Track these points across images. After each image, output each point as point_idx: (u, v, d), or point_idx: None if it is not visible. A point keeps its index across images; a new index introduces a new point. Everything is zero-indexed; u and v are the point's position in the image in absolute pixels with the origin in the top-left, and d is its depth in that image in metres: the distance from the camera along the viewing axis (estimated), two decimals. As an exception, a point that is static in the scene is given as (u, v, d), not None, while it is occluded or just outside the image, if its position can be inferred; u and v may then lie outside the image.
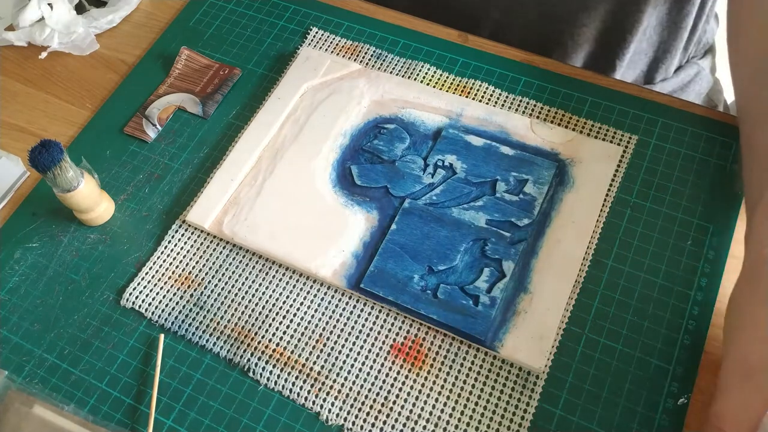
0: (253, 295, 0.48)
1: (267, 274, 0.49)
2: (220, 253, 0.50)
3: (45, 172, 0.46)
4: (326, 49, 0.59)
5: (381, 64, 0.57)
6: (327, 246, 0.48)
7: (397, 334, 0.46)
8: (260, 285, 0.48)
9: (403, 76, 0.56)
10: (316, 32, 0.60)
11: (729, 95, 0.81)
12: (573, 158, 0.51)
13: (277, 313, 0.47)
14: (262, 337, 0.46)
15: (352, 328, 0.46)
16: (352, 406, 0.43)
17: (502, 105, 0.54)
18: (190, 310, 0.48)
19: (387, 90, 0.55)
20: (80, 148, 0.57)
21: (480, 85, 0.55)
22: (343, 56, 0.58)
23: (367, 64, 0.58)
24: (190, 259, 0.50)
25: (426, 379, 0.44)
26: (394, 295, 0.45)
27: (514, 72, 0.56)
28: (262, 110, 0.55)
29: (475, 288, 0.45)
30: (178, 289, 0.49)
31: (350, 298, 0.47)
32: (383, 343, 0.45)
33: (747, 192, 0.44)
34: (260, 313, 0.47)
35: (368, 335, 0.46)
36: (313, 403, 0.44)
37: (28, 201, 0.54)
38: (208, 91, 0.57)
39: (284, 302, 0.47)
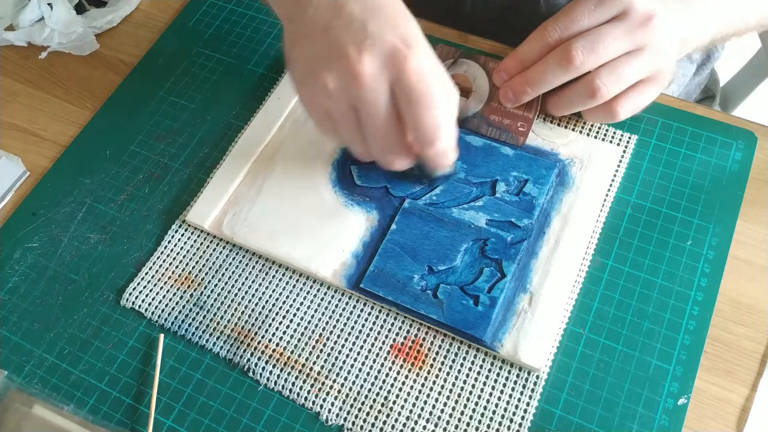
0: (253, 295, 0.48)
1: (267, 274, 0.49)
2: (220, 253, 0.50)
3: None
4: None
5: (381, 64, 0.57)
6: (327, 246, 0.48)
7: (397, 334, 0.46)
8: (260, 285, 0.48)
9: (403, 76, 0.56)
10: (316, 32, 0.60)
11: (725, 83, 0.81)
12: (573, 158, 0.51)
13: (277, 313, 0.47)
14: (262, 337, 0.46)
15: (352, 328, 0.46)
16: (352, 406, 0.43)
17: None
18: (190, 310, 0.48)
19: None
20: (80, 148, 0.57)
21: (480, 85, 0.55)
22: (343, 56, 0.58)
23: (367, 64, 0.57)
24: (190, 259, 0.50)
25: (426, 379, 0.44)
26: (394, 295, 0.45)
27: (514, 72, 0.56)
28: (262, 110, 0.55)
29: (475, 288, 0.45)
30: (178, 289, 0.49)
31: (350, 298, 0.47)
32: (383, 343, 0.45)
33: None
34: (260, 313, 0.47)
35: (368, 335, 0.46)
36: (313, 403, 0.44)
37: (28, 201, 0.54)
38: None
39: (284, 302, 0.47)
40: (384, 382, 0.44)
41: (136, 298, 0.48)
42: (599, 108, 0.48)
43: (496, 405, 0.43)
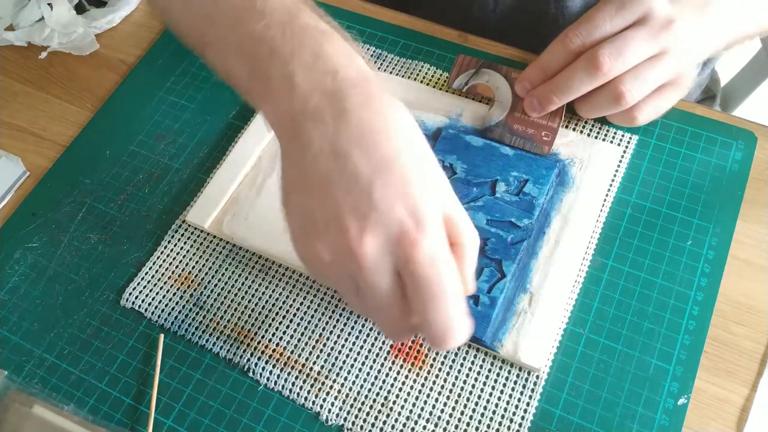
0: (253, 295, 0.48)
1: (267, 274, 0.49)
2: (220, 253, 0.50)
3: None
4: (326, 49, 0.59)
5: (381, 64, 0.57)
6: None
7: (397, 334, 0.46)
8: (260, 285, 0.48)
9: (403, 76, 0.56)
10: (316, 32, 0.60)
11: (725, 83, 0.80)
12: (573, 158, 0.50)
13: (277, 313, 0.47)
14: (262, 337, 0.46)
15: (352, 328, 0.46)
16: (352, 406, 0.43)
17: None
18: (190, 310, 0.48)
19: (387, 90, 0.55)
20: (80, 148, 0.57)
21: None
22: (343, 56, 0.58)
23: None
24: (190, 259, 0.50)
25: (426, 379, 0.44)
26: (394, 295, 0.45)
27: (514, 72, 0.56)
28: (262, 110, 0.55)
29: (475, 288, 0.45)
30: (177, 289, 0.49)
31: (350, 298, 0.47)
32: (383, 343, 0.45)
33: None
34: (260, 313, 0.47)
35: (368, 335, 0.46)
36: (313, 403, 0.44)
37: (28, 201, 0.54)
38: None
39: (284, 302, 0.47)
40: (384, 382, 0.44)
41: (136, 298, 0.48)
42: (621, 113, 0.48)
43: (496, 405, 0.43)
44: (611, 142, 0.52)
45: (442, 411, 0.43)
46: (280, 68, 0.36)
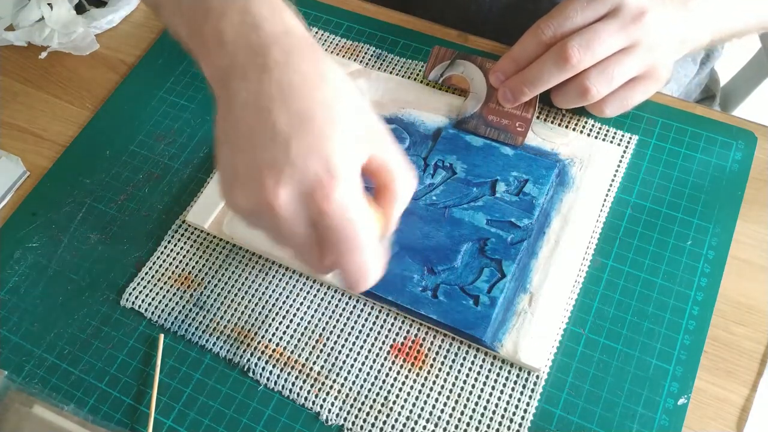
0: (253, 295, 0.48)
1: (267, 274, 0.49)
2: (220, 253, 0.50)
3: None
4: (326, 49, 0.59)
5: (381, 64, 0.57)
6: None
7: (397, 334, 0.46)
8: (260, 285, 0.48)
9: (403, 76, 0.56)
10: (316, 32, 0.60)
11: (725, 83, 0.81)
12: (573, 158, 0.51)
13: (277, 313, 0.47)
14: (262, 337, 0.46)
15: (352, 328, 0.46)
16: (352, 406, 0.43)
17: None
18: (190, 310, 0.48)
19: (387, 90, 0.55)
20: (80, 148, 0.57)
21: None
22: (343, 56, 0.58)
23: (367, 64, 0.58)
24: (190, 259, 0.50)
25: (426, 379, 0.44)
26: (394, 295, 0.45)
27: (514, 72, 0.56)
28: (262, 110, 0.55)
29: (475, 288, 0.45)
30: (178, 289, 0.49)
31: (350, 298, 0.47)
32: (383, 343, 0.45)
33: None
34: (260, 313, 0.47)
35: (368, 335, 0.46)
36: (313, 403, 0.44)
37: (28, 201, 0.54)
38: None
39: (284, 302, 0.47)
40: (384, 382, 0.44)
41: (136, 298, 0.48)
42: (589, 105, 0.49)
43: (496, 405, 0.43)
44: (611, 142, 0.52)
45: (442, 411, 0.43)
46: (212, 26, 0.38)
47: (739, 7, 0.50)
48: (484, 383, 0.44)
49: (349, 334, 0.46)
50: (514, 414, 0.42)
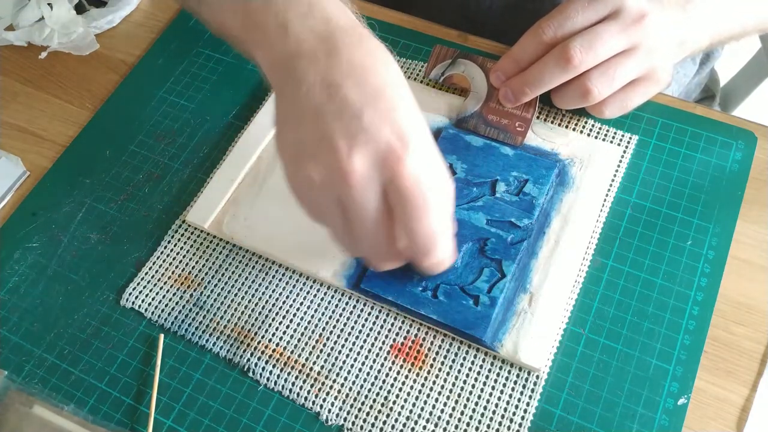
0: (253, 295, 0.48)
1: (267, 274, 0.49)
2: (220, 253, 0.50)
3: None
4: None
5: (381, 64, 0.57)
6: (327, 246, 0.48)
7: (397, 334, 0.46)
8: (260, 285, 0.48)
9: (403, 76, 0.56)
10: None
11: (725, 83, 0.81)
12: (573, 158, 0.51)
13: (277, 313, 0.47)
14: (262, 337, 0.46)
15: (352, 328, 0.46)
16: (352, 406, 0.43)
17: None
18: (190, 310, 0.48)
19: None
20: (80, 148, 0.57)
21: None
22: (343, 56, 0.58)
23: (367, 64, 0.57)
24: (190, 259, 0.50)
25: (426, 379, 0.44)
26: (393, 295, 0.45)
27: (514, 72, 0.56)
28: (262, 110, 0.55)
29: (475, 288, 0.45)
30: (178, 289, 0.49)
31: (350, 298, 0.47)
32: (383, 343, 0.45)
33: None
34: (260, 313, 0.47)
35: (368, 335, 0.46)
36: (313, 403, 0.44)
37: (28, 201, 0.54)
38: None
39: (284, 302, 0.47)
40: (384, 382, 0.44)
41: (136, 298, 0.48)
42: (589, 106, 0.49)
43: (496, 405, 0.43)
44: (611, 142, 0.52)
45: (442, 411, 0.43)
46: (275, 16, 0.38)
47: (737, 9, 0.50)
48: (484, 383, 0.44)
49: (349, 334, 0.46)
50: (514, 414, 0.42)
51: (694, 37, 0.49)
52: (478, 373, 0.44)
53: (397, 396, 0.44)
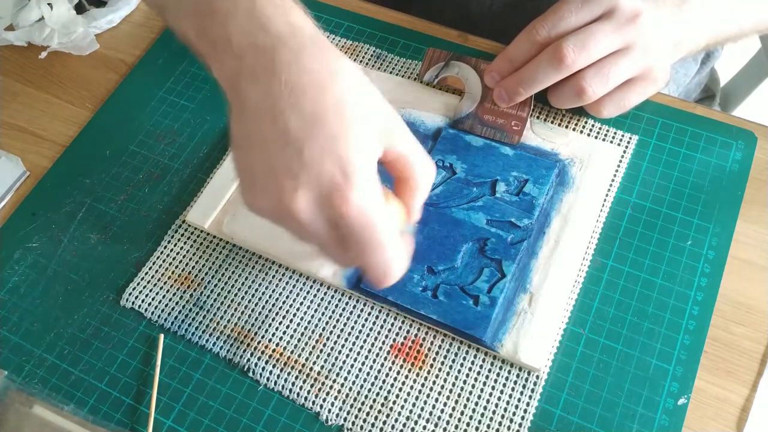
0: (253, 295, 0.48)
1: (267, 274, 0.49)
2: (220, 253, 0.50)
3: None
4: (326, 49, 0.59)
5: (381, 64, 0.57)
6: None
7: (397, 334, 0.46)
8: (260, 285, 0.48)
9: (402, 76, 0.56)
10: (316, 32, 0.60)
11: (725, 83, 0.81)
12: (573, 158, 0.51)
13: (277, 313, 0.47)
14: (262, 337, 0.46)
15: (352, 328, 0.46)
16: (352, 406, 0.43)
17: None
18: (190, 310, 0.48)
19: (387, 90, 0.55)
20: (80, 148, 0.57)
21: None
22: (343, 56, 0.58)
23: (367, 64, 0.58)
24: (190, 259, 0.50)
25: (426, 379, 0.44)
26: (393, 295, 0.45)
27: (514, 72, 0.56)
28: (262, 110, 0.55)
29: (475, 288, 0.45)
30: (177, 289, 0.49)
31: (350, 298, 0.47)
32: (383, 343, 0.45)
33: None
34: (260, 313, 0.47)
35: (368, 335, 0.46)
36: (313, 403, 0.44)
37: (28, 201, 0.54)
38: None
39: (284, 302, 0.47)
40: (384, 382, 0.44)
41: (136, 298, 0.48)
42: (587, 105, 0.49)
43: (496, 405, 0.43)
44: (611, 142, 0.52)
45: (442, 411, 0.43)
46: (219, 27, 0.37)
47: (734, 9, 0.50)
48: (484, 383, 0.44)
49: (349, 334, 0.46)
50: (514, 414, 0.42)
51: (691, 37, 0.49)
52: (478, 373, 0.44)
53: (397, 396, 0.44)
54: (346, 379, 0.44)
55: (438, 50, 0.55)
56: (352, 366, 0.45)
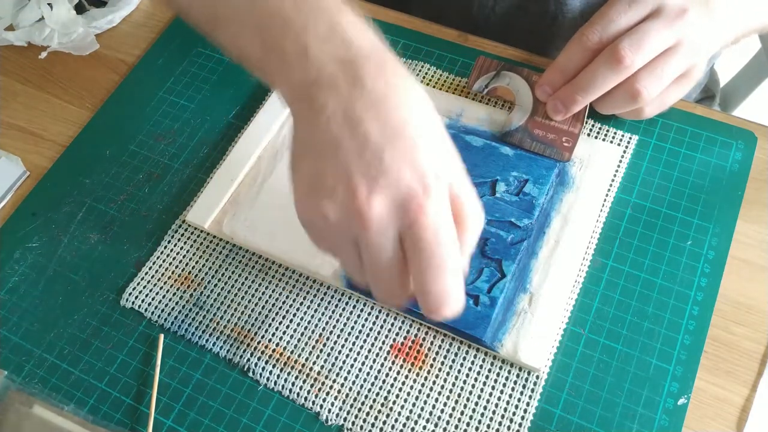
0: (253, 295, 0.48)
1: (267, 274, 0.49)
2: (220, 253, 0.50)
3: None
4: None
5: (381, 64, 0.57)
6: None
7: (397, 334, 0.46)
8: (260, 285, 0.48)
9: (403, 76, 0.56)
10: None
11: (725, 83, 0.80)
12: (573, 158, 0.50)
13: (277, 313, 0.47)
14: (262, 337, 0.46)
15: (352, 328, 0.46)
16: (351, 406, 0.43)
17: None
18: (190, 310, 0.48)
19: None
20: (80, 148, 0.57)
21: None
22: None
23: (367, 64, 0.57)
24: (190, 259, 0.50)
25: (426, 379, 0.44)
26: (394, 295, 0.45)
27: (514, 72, 0.56)
28: (262, 110, 0.55)
29: (475, 288, 0.45)
30: (177, 289, 0.49)
31: (350, 298, 0.47)
32: (383, 343, 0.45)
33: None
34: (260, 313, 0.47)
35: (368, 335, 0.46)
36: (313, 403, 0.44)
37: (28, 201, 0.54)
38: None
39: (284, 302, 0.47)
40: (384, 382, 0.44)
41: (136, 298, 0.48)
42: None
43: (496, 405, 0.43)
44: (611, 142, 0.52)
45: (442, 411, 0.43)
46: (295, 40, 0.37)
47: (754, 6, 0.50)
48: (484, 383, 0.44)
49: (349, 334, 0.46)
50: (514, 414, 0.42)
51: (721, 34, 0.49)
52: (478, 373, 0.44)
53: (397, 396, 0.44)
54: (346, 379, 0.44)
55: (488, 59, 0.54)
56: (352, 366, 0.45)
